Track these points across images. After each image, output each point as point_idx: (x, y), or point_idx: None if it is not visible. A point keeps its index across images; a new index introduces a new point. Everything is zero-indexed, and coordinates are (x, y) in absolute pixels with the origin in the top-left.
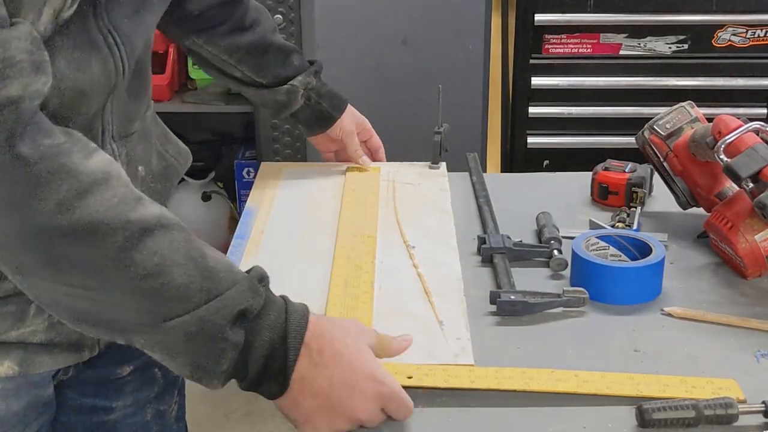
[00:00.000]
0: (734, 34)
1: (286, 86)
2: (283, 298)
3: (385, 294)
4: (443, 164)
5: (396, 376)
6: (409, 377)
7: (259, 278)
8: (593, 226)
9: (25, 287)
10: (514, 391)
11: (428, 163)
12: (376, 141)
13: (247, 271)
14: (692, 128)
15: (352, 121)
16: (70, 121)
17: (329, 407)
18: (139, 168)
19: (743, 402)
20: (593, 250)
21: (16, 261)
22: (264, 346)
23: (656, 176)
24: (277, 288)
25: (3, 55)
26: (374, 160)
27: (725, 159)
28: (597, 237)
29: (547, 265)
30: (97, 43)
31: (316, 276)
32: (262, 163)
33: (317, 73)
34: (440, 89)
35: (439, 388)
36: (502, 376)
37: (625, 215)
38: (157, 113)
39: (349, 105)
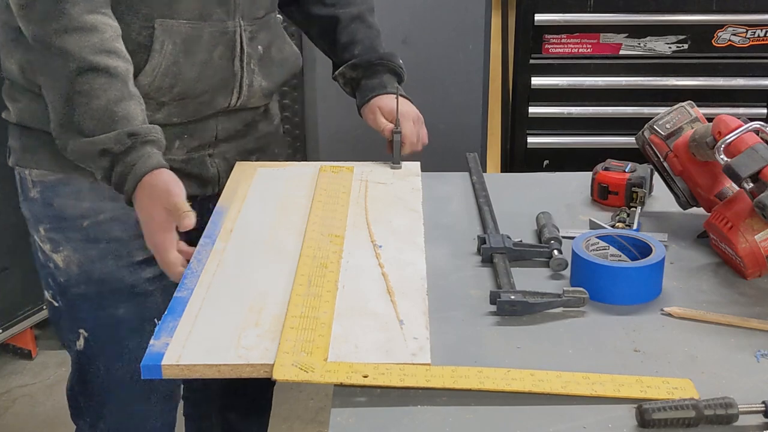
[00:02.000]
0: (734, 34)
1: (335, 74)
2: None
3: (348, 293)
4: (417, 164)
5: (352, 375)
6: (365, 376)
7: (129, 134)
8: (593, 226)
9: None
10: (469, 390)
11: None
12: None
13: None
14: (692, 128)
15: (373, 118)
16: None
17: None
18: (259, 47)
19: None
20: (593, 250)
21: (28, 58)
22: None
23: (656, 176)
24: (242, 286)
25: None
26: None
27: (725, 159)
28: (597, 237)
29: (547, 265)
30: None
31: (280, 275)
32: (237, 162)
33: (356, 67)
34: (398, 89)
35: (395, 387)
36: (458, 375)
37: (625, 215)
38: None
39: (381, 97)
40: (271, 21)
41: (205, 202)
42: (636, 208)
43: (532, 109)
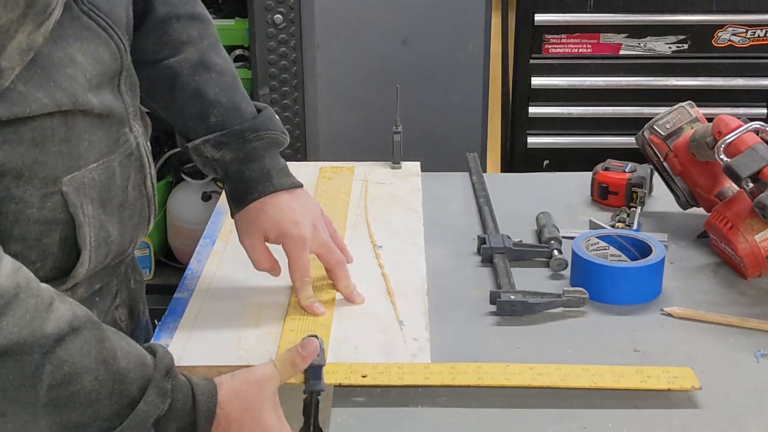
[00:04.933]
0: (734, 34)
1: (187, 145)
2: (188, 379)
3: None
4: (417, 164)
5: (351, 375)
6: (364, 376)
7: (165, 372)
8: (593, 226)
9: None
10: (468, 386)
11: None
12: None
13: (154, 353)
14: (692, 128)
15: (250, 243)
16: (111, 114)
17: None
18: (147, 143)
19: (699, 389)
20: (593, 250)
21: None
22: None
23: (656, 176)
24: (242, 287)
25: None
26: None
27: (725, 159)
28: (597, 237)
29: (547, 265)
30: (93, 28)
31: (280, 276)
32: None
33: (219, 144)
34: (399, 89)
35: (395, 386)
36: (456, 372)
37: (625, 215)
38: None
39: (265, 203)
40: None
41: None
42: (636, 208)
43: (532, 109)
